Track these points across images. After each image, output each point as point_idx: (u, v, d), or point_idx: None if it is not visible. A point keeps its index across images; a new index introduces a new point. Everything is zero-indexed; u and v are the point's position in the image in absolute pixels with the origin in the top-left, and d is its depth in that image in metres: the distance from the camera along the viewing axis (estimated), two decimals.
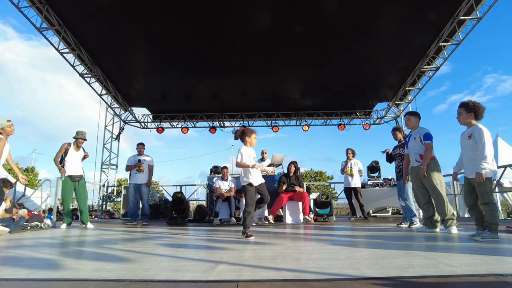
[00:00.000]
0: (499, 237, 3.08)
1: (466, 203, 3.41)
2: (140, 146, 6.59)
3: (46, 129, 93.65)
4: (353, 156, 6.99)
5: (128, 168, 6.45)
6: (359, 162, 7.05)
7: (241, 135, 3.75)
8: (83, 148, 5.81)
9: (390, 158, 5.32)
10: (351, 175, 6.86)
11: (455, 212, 3.77)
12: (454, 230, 3.68)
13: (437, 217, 3.97)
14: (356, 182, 6.89)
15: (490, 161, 3.08)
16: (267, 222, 5.91)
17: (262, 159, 7.73)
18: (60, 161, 5.47)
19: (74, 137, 5.62)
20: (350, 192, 6.96)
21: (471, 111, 3.21)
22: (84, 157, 5.83)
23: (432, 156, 3.81)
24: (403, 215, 5.08)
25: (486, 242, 2.93)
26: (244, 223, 3.56)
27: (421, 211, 6.99)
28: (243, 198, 6.10)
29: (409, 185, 4.80)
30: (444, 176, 4.29)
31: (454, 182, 7.92)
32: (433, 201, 3.91)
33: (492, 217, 3.10)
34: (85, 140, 5.72)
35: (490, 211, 3.12)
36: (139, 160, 6.40)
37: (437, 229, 3.96)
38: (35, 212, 6.06)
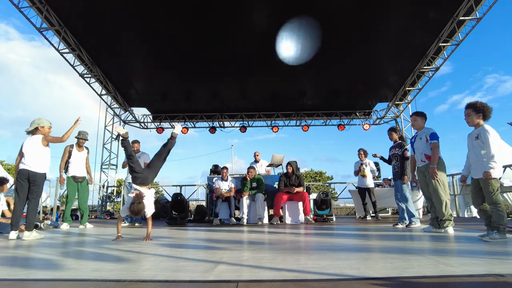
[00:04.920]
0: (507, 238, 3.05)
1: (475, 205, 3.37)
2: (135, 143, 6.30)
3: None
4: (365, 157, 7.10)
5: (123, 165, 6.30)
6: (371, 162, 7.19)
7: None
8: (86, 148, 5.84)
9: (389, 159, 5.30)
10: (364, 176, 6.97)
11: (453, 213, 3.77)
12: (450, 230, 3.70)
13: None
14: (369, 183, 6.98)
15: (498, 161, 3.07)
16: (275, 223, 5.94)
17: (256, 161, 7.76)
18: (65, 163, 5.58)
19: (76, 137, 5.68)
20: (364, 192, 7.04)
21: (479, 111, 3.22)
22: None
23: (438, 156, 3.80)
24: (399, 216, 5.09)
25: (494, 242, 2.90)
26: None
27: (420, 211, 7.03)
28: (243, 198, 6.13)
29: (407, 187, 4.81)
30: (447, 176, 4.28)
31: (455, 182, 7.93)
32: (432, 200, 3.91)
33: (499, 217, 3.06)
34: (87, 140, 5.80)
35: (497, 212, 3.08)
36: None
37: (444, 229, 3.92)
38: None
